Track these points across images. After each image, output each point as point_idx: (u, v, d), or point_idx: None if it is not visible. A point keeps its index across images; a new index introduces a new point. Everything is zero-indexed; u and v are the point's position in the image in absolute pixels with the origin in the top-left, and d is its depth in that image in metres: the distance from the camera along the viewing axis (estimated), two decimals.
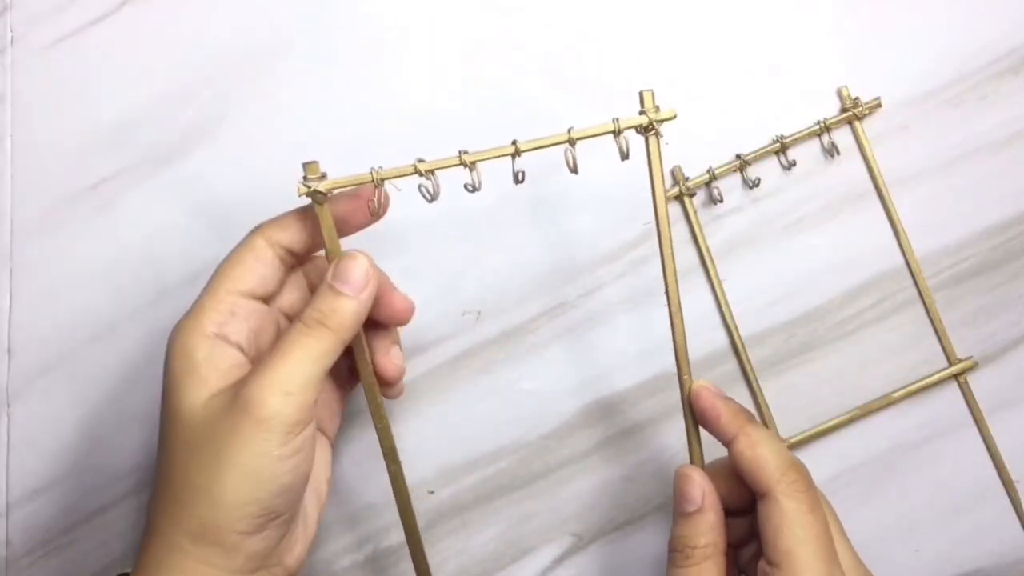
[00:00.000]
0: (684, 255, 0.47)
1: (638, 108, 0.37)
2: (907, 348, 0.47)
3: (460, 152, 0.36)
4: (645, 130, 0.37)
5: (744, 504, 0.37)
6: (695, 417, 0.37)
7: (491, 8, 0.47)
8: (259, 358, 0.37)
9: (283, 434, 0.34)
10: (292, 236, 0.38)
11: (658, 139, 0.37)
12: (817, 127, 0.47)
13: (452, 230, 0.47)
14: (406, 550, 0.45)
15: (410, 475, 0.46)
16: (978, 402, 0.46)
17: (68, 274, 0.47)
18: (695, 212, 0.47)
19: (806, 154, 0.47)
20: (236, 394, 0.34)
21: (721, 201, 0.47)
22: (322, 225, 0.37)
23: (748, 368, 0.46)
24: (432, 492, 0.46)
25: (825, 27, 0.48)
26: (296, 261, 0.39)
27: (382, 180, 0.36)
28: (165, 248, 0.47)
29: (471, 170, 0.37)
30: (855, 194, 0.47)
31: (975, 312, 0.47)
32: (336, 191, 0.36)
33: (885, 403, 0.46)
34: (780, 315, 0.47)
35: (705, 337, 0.47)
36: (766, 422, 0.46)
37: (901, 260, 0.47)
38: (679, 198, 0.47)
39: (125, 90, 0.47)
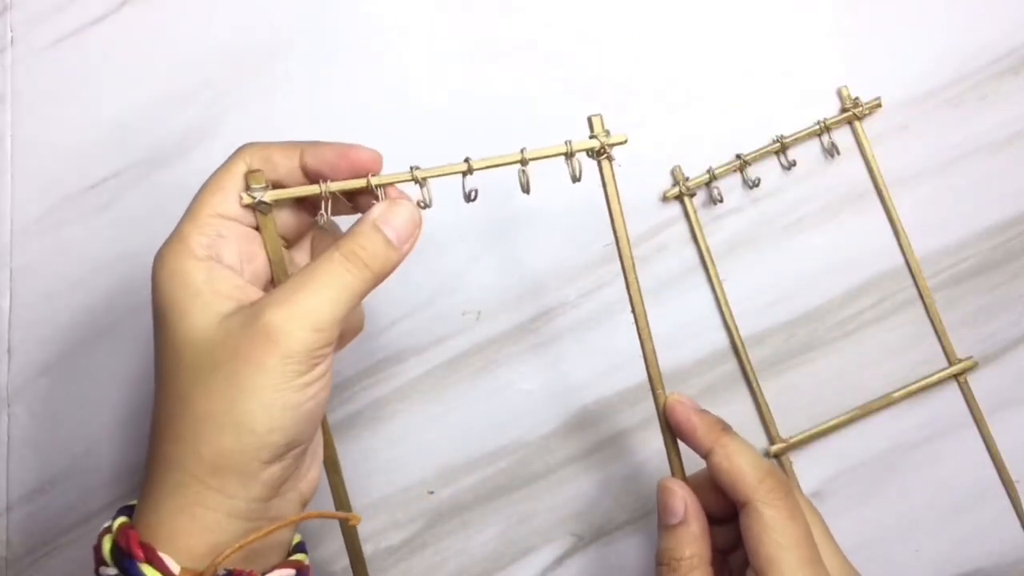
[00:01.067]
0: (684, 255, 0.47)
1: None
2: (907, 348, 0.47)
3: (412, 168, 0.36)
4: (597, 154, 0.37)
5: (729, 512, 0.36)
6: (672, 431, 0.37)
7: (491, 8, 0.47)
8: (255, 280, 0.36)
9: (309, 364, 0.33)
10: (276, 170, 0.36)
11: (610, 162, 0.37)
12: (817, 127, 0.47)
13: (452, 230, 0.47)
14: (406, 549, 0.45)
15: (410, 475, 0.46)
16: (978, 402, 0.46)
17: (68, 274, 0.47)
18: (695, 212, 0.47)
19: (806, 154, 0.47)
20: (257, 317, 0.32)
21: (721, 201, 0.47)
22: (265, 236, 0.36)
23: (748, 368, 0.46)
24: (432, 492, 0.46)
25: (825, 27, 0.48)
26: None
27: (331, 193, 0.35)
28: None
29: (422, 186, 0.36)
30: (855, 194, 0.47)
31: (975, 312, 0.47)
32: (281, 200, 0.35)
33: (885, 403, 0.46)
34: (780, 315, 0.47)
35: (705, 337, 0.47)
36: (766, 422, 0.46)
37: (901, 260, 0.47)
38: (679, 198, 0.47)
39: (125, 90, 0.47)
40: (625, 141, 0.37)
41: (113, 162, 0.47)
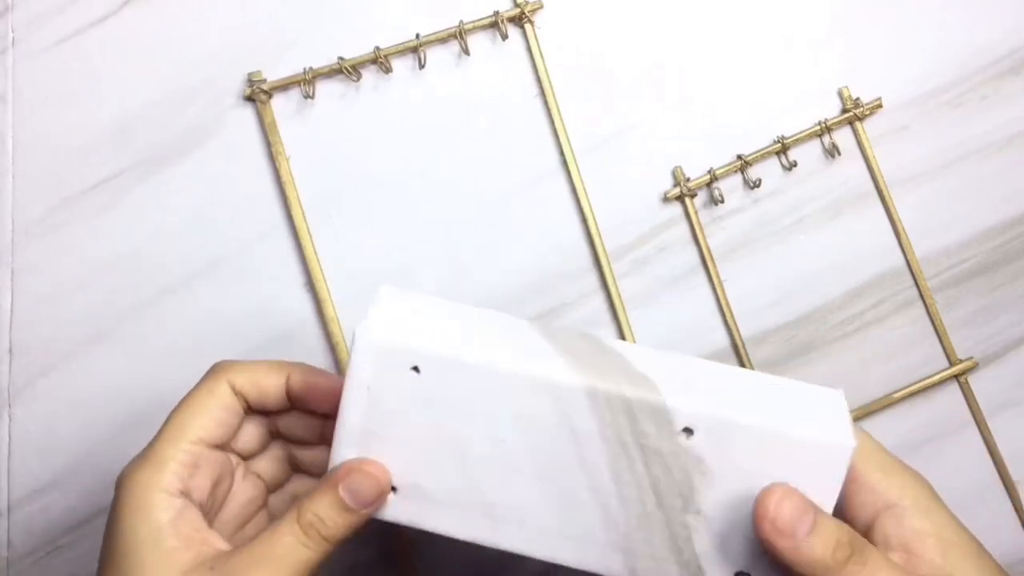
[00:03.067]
0: (685, 256, 0.47)
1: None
2: (908, 349, 0.47)
3: (375, 48, 0.45)
4: (520, 21, 0.43)
5: None
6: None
7: (491, 8, 0.47)
8: (213, 512, 0.35)
9: None
10: (259, 392, 0.36)
11: (532, 27, 0.45)
12: (818, 127, 0.47)
13: (452, 230, 0.47)
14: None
15: None
16: (979, 403, 0.46)
17: (69, 274, 0.47)
18: (696, 213, 0.47)
19: (807, 155, 0.47)
20: None
21: (722, 202, 0.47)
22: (264, 122, 0.45)
23: (748, 368, 0.46)
24: None
25: (825, 27, 0.48)
26: (254, 409, 0.37)
27: (314, 76, 0.44)
28: (165, 248, 0.47)
29: (383, 67, 0.44)
30: (856, 195, 0.47)
31: (976, 313, 0.47)
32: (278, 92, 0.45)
33: (886, 403, 0.46)
34: (781, 316, 0.47)
35: (706, 338, 0.47)
36: None
37: (902, 261, 0.47)
38: (680, 199, 0.47)
39: (126, 90, 0.47)
40: (541, 6, 0.45)
41: (114, 162, 0.47)
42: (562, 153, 0.47)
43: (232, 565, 0.32)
